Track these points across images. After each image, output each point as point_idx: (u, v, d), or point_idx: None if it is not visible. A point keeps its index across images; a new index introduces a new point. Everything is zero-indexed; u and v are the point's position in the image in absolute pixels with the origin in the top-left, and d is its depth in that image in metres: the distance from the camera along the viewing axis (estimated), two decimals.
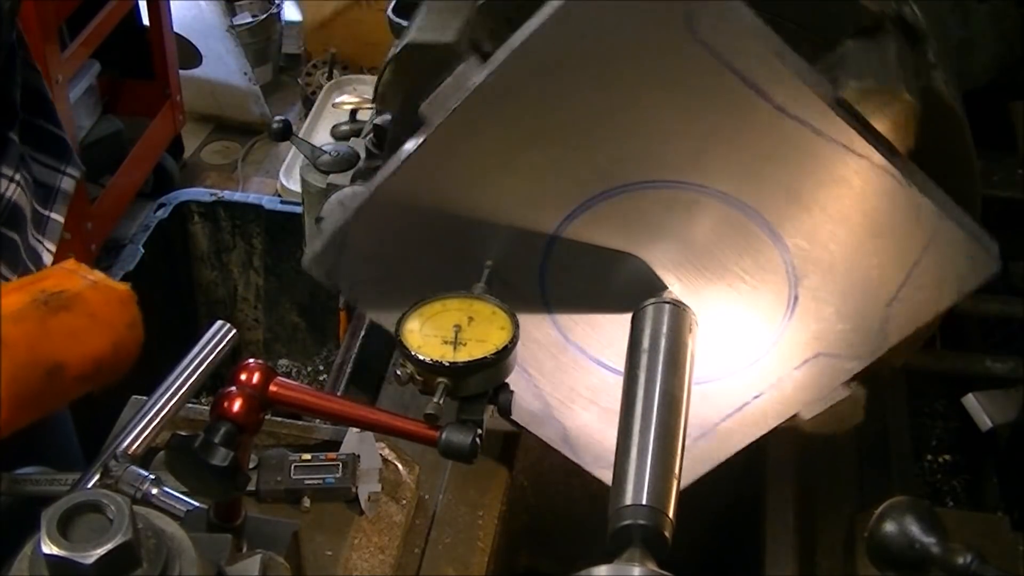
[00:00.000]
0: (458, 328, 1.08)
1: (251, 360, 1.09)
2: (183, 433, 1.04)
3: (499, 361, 1.05)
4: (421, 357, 1.05)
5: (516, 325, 1.08)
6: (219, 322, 1.31)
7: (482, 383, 1.06)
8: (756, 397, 1.32)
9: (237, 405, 1.05)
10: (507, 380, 1.09)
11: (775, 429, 1.34)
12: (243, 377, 1.07)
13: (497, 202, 1.21)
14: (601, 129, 1.15)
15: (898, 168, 1.12)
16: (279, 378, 1.08)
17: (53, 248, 1.52)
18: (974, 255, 1.17)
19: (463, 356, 1.05)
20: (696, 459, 1.33)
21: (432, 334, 1.07)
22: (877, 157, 1.11)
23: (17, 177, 1.44)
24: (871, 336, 1.24)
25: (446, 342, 1.06)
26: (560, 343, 1.32)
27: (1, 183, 1.41)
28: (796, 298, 1.22)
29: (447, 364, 1.04)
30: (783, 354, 1.27)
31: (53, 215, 1.53)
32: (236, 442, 1.03)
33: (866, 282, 1.20)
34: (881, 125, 1.15)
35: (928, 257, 1.17)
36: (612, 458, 1.08)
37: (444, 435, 1.04)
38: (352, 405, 1.12)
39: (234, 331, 1.31)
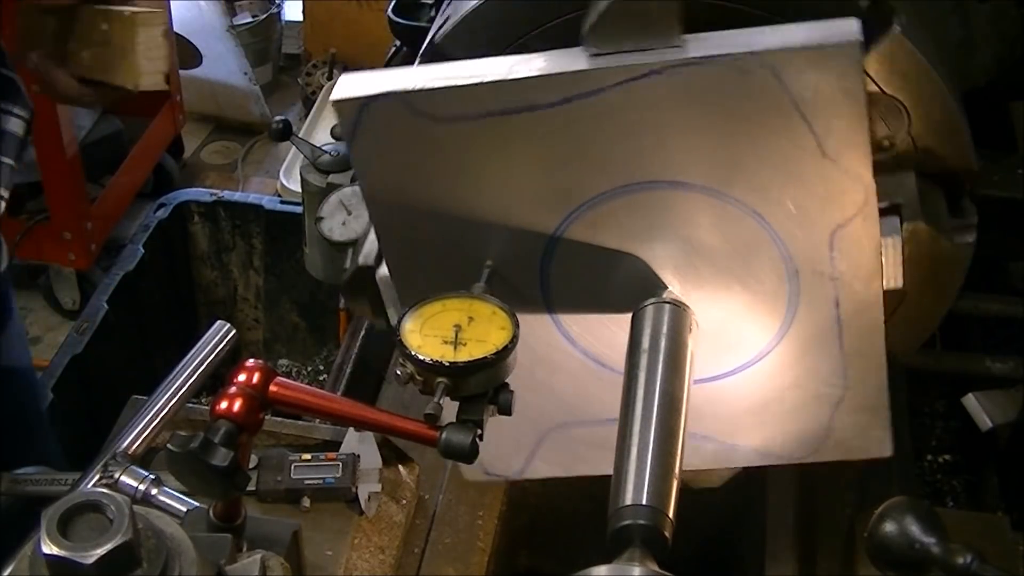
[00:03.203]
0: (458, 328, 1.08)
1: (251, 360, 1.09)
2: (183, 433, 1.03)
3: (499, 361, 1.05)
4: (421, 357, 1.05)
5: (516, 325, 1.08)
6: (219, 322, 1.31)
7: (482, 383, 1.06)
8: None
9: (237, 405, 1.04)
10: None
11: None
12: (243, 377, 1.07)
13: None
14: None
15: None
16: (279, 378, 1.08)
17: (5, 194, 1.50)
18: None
19: (463, 356, 1.05)
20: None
21: (432, 334, 1.07)
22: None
23: None
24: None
25: (446, 342, 1.06)
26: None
27: None
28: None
29: (447, 364, 1.04)
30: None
31: (4, 159, 1.51)
32: (236, 442, 1.03)
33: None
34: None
35: None
36: (606, 460, 1.08)
37: (444, 435, 1.04)
38: (352, 405, 1.12)
39: (234, 331, 1.31)
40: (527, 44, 1.24)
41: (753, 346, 1.27)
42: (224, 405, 1.04)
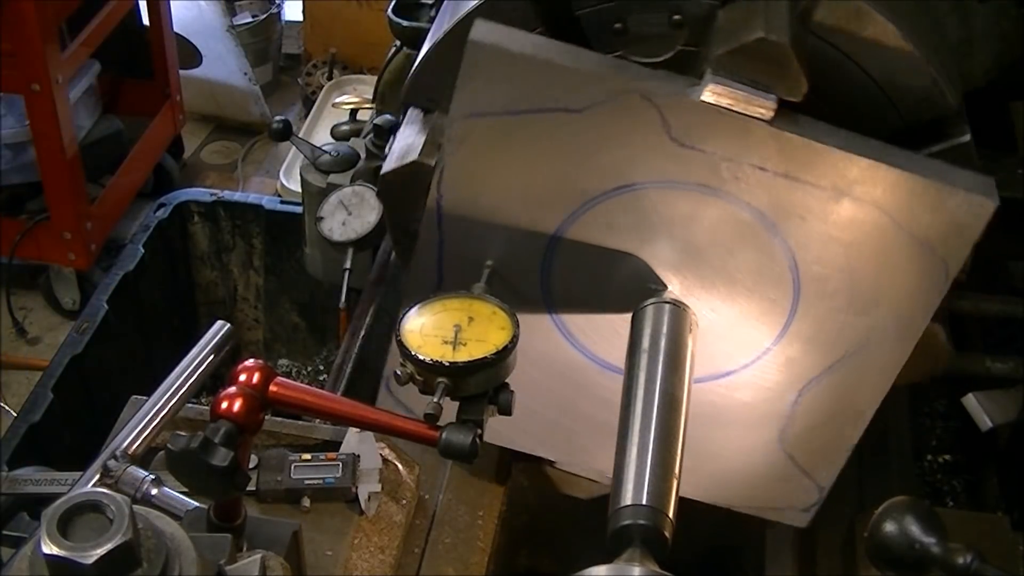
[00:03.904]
0: (458, 328, 1.08)
1: (251, 360, 1.09)
2: (183, 433, 1.03)
3: (499, 361, 1.05)
4: (421, 357, 1.05)
5: (516, 325, 1.08)
6: (219, 322, 1.31)
7: (482, 383, 1.06)
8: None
9: (237, 405, 1.04)
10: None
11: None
12: (243, 377, 1.07)
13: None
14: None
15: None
16: (279, 378, 1.08)
17: None
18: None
19: (463, 356, 1.05)
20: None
21: (432, 334, 1.07)
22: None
23: None
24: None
25: (446, 342, 1.06)
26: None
27: None
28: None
29: (447, 364, 1.04)
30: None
31: None
32: (236, 442, 1.03)
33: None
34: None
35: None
36: (606, 461, 1.08)
37: (444, 435, 1.04)
38: (352, 405, 1.12)
39: (233, 331, 1.31)
40: None
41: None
42: (224, 405, 1.04)
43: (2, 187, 3.23)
